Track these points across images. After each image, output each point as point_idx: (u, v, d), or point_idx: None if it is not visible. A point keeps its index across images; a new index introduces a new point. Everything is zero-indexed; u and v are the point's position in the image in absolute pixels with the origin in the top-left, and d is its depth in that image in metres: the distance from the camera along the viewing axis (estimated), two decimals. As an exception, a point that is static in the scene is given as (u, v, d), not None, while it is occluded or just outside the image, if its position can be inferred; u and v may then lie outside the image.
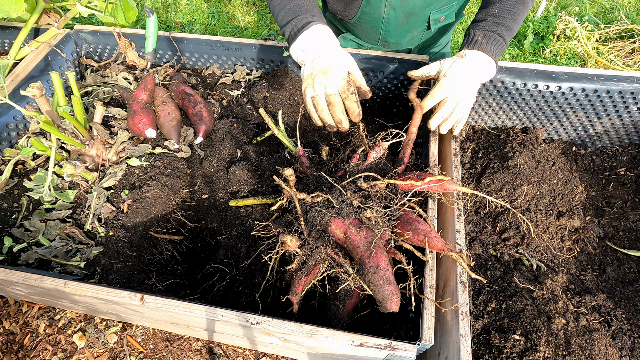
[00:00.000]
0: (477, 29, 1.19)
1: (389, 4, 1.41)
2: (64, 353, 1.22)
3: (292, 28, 1.15)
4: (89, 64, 1.69)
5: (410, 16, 1.48)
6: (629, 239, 1.26)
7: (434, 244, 0.93)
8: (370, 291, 0.89)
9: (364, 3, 1.44)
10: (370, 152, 1.19)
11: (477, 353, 0.96)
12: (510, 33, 1.19)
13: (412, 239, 0.97)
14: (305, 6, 1.17)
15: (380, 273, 0.87)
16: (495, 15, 1.19)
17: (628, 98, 1.35)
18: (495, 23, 1.18)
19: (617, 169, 1.43)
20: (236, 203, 1.22)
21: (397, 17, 1.48)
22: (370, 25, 1.54)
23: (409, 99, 1.28)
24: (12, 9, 1.56)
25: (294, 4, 1.17)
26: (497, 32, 1.17)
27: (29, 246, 1.15)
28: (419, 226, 0.97)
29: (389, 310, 0.86)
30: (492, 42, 1.16)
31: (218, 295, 1.13)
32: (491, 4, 1.21)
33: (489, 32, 1.17)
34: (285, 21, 1.17)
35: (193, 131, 1.42)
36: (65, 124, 1.29)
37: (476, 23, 1.21)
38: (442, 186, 1.04)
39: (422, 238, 0.95)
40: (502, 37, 1.17)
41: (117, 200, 1.21)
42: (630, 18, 3.38)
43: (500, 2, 1.20)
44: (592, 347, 0.95)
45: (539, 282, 1.11)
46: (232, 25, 3.77)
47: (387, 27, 1.52)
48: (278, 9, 1.20)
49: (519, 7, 1.20)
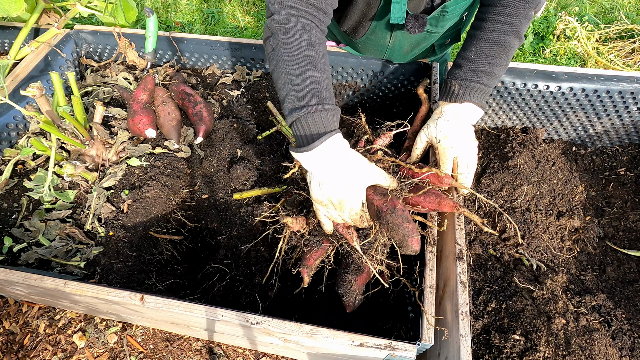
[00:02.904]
0: (453, 77, 1.11)
1: (394, 36, 1.38)
2: (64, 353, 1.22)
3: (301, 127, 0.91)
4: (89, 64, 1.69)
5: (415, 46, 1.45)
6: (629, 239, 1.26)
7: (445, 203, 0.96)
8: (390, 235, 0.89)
9: (370, 31, 1.40)
10: (377, 140, 1.19)
11: (477, 353, 0.96)
12: (492, 77, 1.09)
13: (424, 202, 0.98)
14: (325, 97, 0.92)
15: (398, 213, 0.87)
16: (471, 61, 1.09)
17: (628, 98, 1.35)
18: (471, 70, 1.08)
19: (617, 169, 1.43)
20: (240, 195, 1.22)
21: (402, 47, 1.45)
22: (375, 48, 1.51)
23: (418, 94, 1.30)
24: (12, 9, 1.56)
25: (310, 83, 0.91)
26: (475, 80, 1.08)
27: (29, 246, 1.15)
28: (430, 190, 1.00)
29: (411, 249, 0.84)
30: (469, 92, 1.08)
31: (218, 295, 1.13)
32: (467, 48, 1.11)
33: (465, 82, 1.08)
34: (292, 106, 0.92)
35: (193, 131, 1.42)
36: (65, 124, 1.29)
37: (453, 70, 1.13)
38: (440, 181, 1.04)
39: (434, 199, 0.97)
40: (481, 84, 1.08)
41: (117, 200, 1.21)
42: (630, 18, 3.38)
43: (475, 46, 1.09)
44: (592, 347, 0.95)
45: (539, 282, 1.11)
46: (232, 25, 3.77)
47: (392, 52, 1.50)
48: (284, 78, 0.94)
49: (497, 50, 1.07)
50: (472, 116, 1.11)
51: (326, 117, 0.90)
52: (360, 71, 1.53)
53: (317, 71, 0.93)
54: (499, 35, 1.07)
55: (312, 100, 0.90)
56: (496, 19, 1.07)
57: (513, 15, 1.06)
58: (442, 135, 1.09)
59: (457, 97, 1.10)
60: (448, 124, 1.10)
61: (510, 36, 1.07)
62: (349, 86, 1.60)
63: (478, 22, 1.12)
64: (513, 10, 1.05)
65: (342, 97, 1.65)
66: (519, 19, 1.06)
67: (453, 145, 1.08)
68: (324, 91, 0.92)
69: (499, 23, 1.07)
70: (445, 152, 1.09)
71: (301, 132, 0.91)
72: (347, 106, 1.69)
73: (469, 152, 1.08)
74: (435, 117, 1.14)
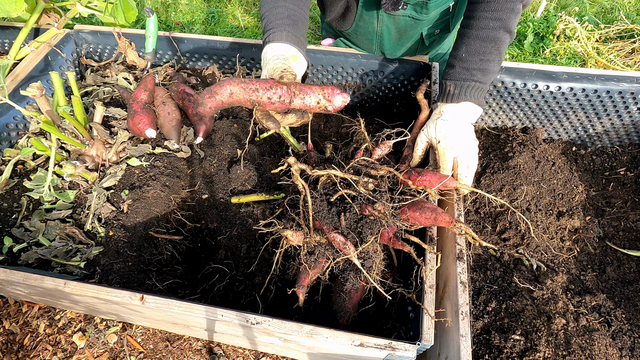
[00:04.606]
0: (448, 78, 1.12)
1: (382, 21, 1.41)
2: (64, 353, 1.22)
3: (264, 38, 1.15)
4: (89, 64, 1.69)
5: (403, 33, 1.48)
6: (629, 239, 1.26)
7: (442, 219, 0.95)
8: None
9: (358, 17, 1.44)
10: (376, 150, 1.19)
11: (477, 353, 0.96)
12: (486, 73, 1.09)
13: (420, 218, 0.98)
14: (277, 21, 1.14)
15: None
16: (463, 60, 1.10)
17: (628, 98, 1.35)
18: (465, 69, 1.09)
19: (617, 169, 1.43)
20: (238, 200, 1.23)
21: (390, 33, 1.48)
22: (365, 37, 1.54)
23: (417, 99, 1.29)
24: (12, 9, 1.56)
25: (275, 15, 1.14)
26: (469, 79, 1.08)
27: (29, 246, 1.15)
28: (426, 205, 1.00)
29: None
30: (465, 91, 1.09)
31: (218, 295, 1.13)
32: (458, 47, 1.12)
33: (459, 82, 1.09)
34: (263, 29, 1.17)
35: (193, 131, 1.42)
36: (65, 124, 1.29)
37: (447, 70, 1.14)
38: (443, 182, 1.04)
39: (430, 215, 0.97)
40: (476, 81, 1.09)
41: (117, 200, 1.21)
42: (630, 18, 3.38)
43: (466, 44, 1.10)
44: (592, 347, 0.95)
45: (539, 282, 1.11)
46: (232, 25, 3.77)
47: (381, 40, 1.52)
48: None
49: (488, 46, 1.07)
50: (471, 115, 1.11)
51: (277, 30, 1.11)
52: (360, 71, 1.53)
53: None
54: (487, 31, 1.07)
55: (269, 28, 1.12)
56: (483, 16, 1.07)
57: (499, 10, 1.06)
58: (441, 136, 1.09)
59: (454, 97, 1.10)
60: (447, 124, 1.10)
61: (499, 31, 1.07)
62: (349, 86, 1.60)
63: (466, 21, 1.12)
64: (499, 5, 1.06)
65: (342, 97, 1.65)
66: (506, 13, 1.06)
67: (453, 145, 1.08)
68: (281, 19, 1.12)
69: (486, 19, 1.07)
70: (445, 153, 1.09)
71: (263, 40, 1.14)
72: (347, 106, 1.69)
73: (469, 152, 1.08)
74: (435, 117, 1.14)
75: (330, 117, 1.56)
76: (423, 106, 1.26)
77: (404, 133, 1.22)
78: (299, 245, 0.99)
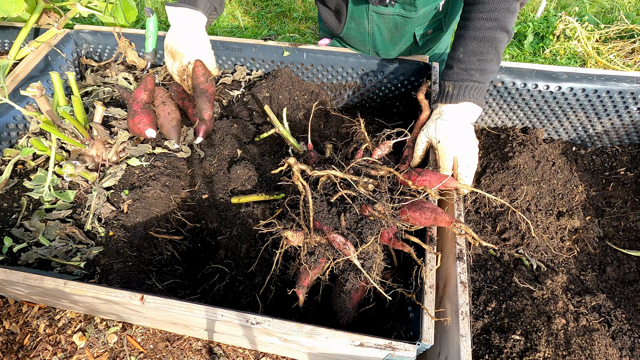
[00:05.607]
0: (446, 79, 1.12)
1: (372, 20, 1.42)
2: (64, 353, 1.22)
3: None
4: (89, 64, 1.69)
5: (394, 32, 1.48)
6: (629, 239, 1.26)
7: (442, 219, 0.95)
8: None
9: (348, 19, 1.44)
10: (376, 150, 1.19)
11: (477, 353, 0.96)
12: (484, 73, 1.09)
13: (420, 218, 0.98)
14: None
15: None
16: (461, 61, 1.10)
17: (628, 98, 1.35)
18: (463, 69, 1.09)
19: (617, 169, 1.43)
20: (238, 200, 1.23)
21: (382, 32, 1.49)
22: (358, 39, 1.55)
23: (418, 100, 1.29)
24: (12, 9, 1.56)
25: None
26: (468, 79, 1.08)
27: (29, 246, 1.15)
28: (425, 205, 1.00)
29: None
30: (463, 91, 1.08)
31: (218, 295, 1.13)
32: (456, 48, 1.12)
33: (458, 82, 1.09)
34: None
35: (193, 131, 1.42)
36: (65, 124, 1.29)
37: (445, 71, 1.14)
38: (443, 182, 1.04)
39: (430, 215, 0.97)
40: (474, 81, 1.08)
41: (117, 200, 1.21)
42: (630, 18, 3.38)
43: (463, 45, 1.10)
44: (592, 347, 0.95)
45: (539, 282, 1.11)
46: (232, 25, 3.77)
47: (374, 41, 1.53)
48: None
49: (485, 47, 1.08)
50: (470, 115, 1.11)
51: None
52: (360, 71, 1.53)
53: None
54: (483, 31, 1.07)
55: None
56: (479, 17, 1.08)
57: (495, 11, 1.06)
58: (441, 136, 1.09)
59: (453, 97, 1.10)
60: (447, 124, 1.10)
61: (495, 31, 1.07)
62: (349, 86, 1.60)
63: (463, 22, 1.13)
64: (494, 6, 1.06)
65: (342, 97, 1.65)
66: (502, 13, 1.06)
67: (453, 145, 1.08)
68: None
69: (482, 20, 1.07)
70: (445, 153, 1.09)
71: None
72: (347, 106, 1.69)
73: (469, 152, 1.08)
74: (435, 117, 1.14)
75: (330, 117, 1.56)
76: (424, 106, 1.26)
77: (404, 133, 1.22)
78: (299, 245, 0.99)
